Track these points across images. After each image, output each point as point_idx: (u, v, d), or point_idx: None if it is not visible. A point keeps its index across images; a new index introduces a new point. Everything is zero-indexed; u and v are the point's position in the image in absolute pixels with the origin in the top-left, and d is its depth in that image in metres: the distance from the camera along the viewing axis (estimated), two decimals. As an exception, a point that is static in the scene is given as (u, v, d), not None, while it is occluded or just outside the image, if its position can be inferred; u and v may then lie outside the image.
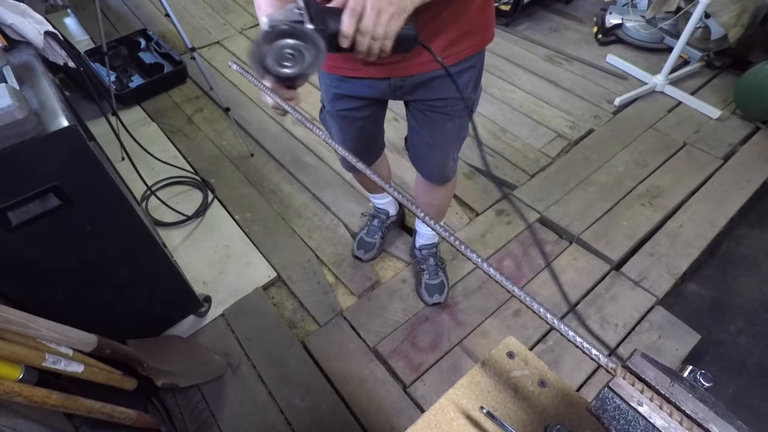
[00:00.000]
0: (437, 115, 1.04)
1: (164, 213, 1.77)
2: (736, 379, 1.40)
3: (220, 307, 1.51)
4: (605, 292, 1.55)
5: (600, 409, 0.41)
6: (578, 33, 2.72)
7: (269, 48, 0.58)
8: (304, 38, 0.58)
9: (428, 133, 1.10)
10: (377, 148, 1.31)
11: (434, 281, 1.52)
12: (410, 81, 0.97)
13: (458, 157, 1.24)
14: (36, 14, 1.05)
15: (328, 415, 1.29)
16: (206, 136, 2.15)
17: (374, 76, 0.96)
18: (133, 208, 1.08)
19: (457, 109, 1.04)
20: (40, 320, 0.87)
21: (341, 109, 1.09)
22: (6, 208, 0.86)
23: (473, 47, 0.95)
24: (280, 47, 0.59)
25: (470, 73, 1.00)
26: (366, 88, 1.01)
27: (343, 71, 0.98)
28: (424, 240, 1.56)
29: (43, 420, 0.91)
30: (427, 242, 1.56)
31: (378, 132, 1.25)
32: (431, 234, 1.54)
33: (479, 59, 1.00)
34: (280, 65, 0.59)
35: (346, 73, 0.99)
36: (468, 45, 0.93)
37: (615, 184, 1.87)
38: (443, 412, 0.56)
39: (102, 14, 2.01)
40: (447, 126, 1.07)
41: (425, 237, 1.56)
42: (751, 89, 2.02)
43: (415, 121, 1.11)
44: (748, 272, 1.66)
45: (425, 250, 1.55)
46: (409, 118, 1.13)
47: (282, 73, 0.59)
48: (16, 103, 0.78)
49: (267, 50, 0.58)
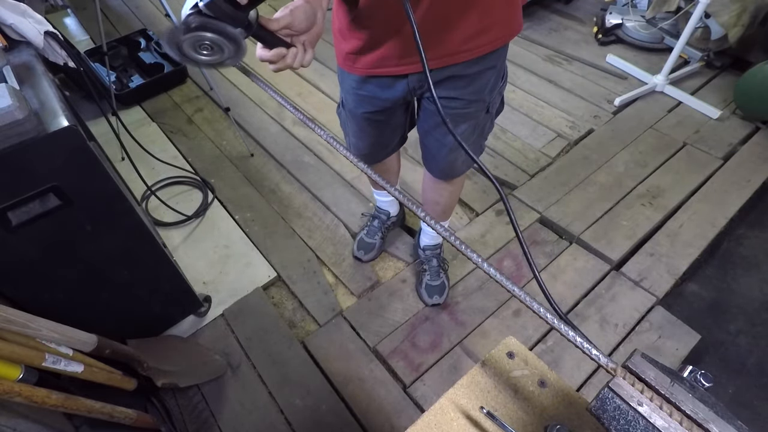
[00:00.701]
0: (451, 116, 1.00)
1: (164, 213, 1.77)
2: (736, 379, 1.40)
3: (220, 307, 1.51)
4: (605, 292, 1.55)
5: (600, 409, 0.41)
6: (578, 33, 2.72)
7: (187, 37, 0.57)
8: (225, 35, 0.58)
9: (440, 133, 1.07)
10: (393, 146, 1.28)
11: (435, 282, 1.51)
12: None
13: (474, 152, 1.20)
14: (36, 14, 1.05)
15: (328, 415, 1.29)
16: (206, 136, 2.15)
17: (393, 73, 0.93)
18: (133, 208, 1.08)
19: (473, 110, 1.00)
20: (40, 320, 0.87)
21: (364, 112, 1.07)
22: (6, 208, 0.86)
23: (496, 41, 0.89)
24: (199, 38, 0.58)
25: (489, 75, 0.94)
26: (386, 89, 0.98)
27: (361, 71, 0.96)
28: (429, 240, 1.55)
29: (43, 420, 0.91)
30: (432, 242, 1.55)
31: (396, 133, 1.22)
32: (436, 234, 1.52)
33: (501, 57, 0.95)
34: (198, 52, 0.59)
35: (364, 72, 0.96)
36: (490, 39, 0.87)
37: (615, 184, 1.87)
38: (443, 412, 0.56)
39: (102, 14, 2.01)
40: (461, 127, 1.03)
41: (430, 237, 1.54)
42: (751, 89, 2.02)
43: (427, 121, 1.08)
44: (748, 272, 1.66)
45: (429, 251, 1.54)
46: (420, 115, 1.10)
47: (199, 60, 0.59)
48: (16, 103, 0.78)
49: (184, 38, 0.57)
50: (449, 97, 0.97)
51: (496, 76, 0.98)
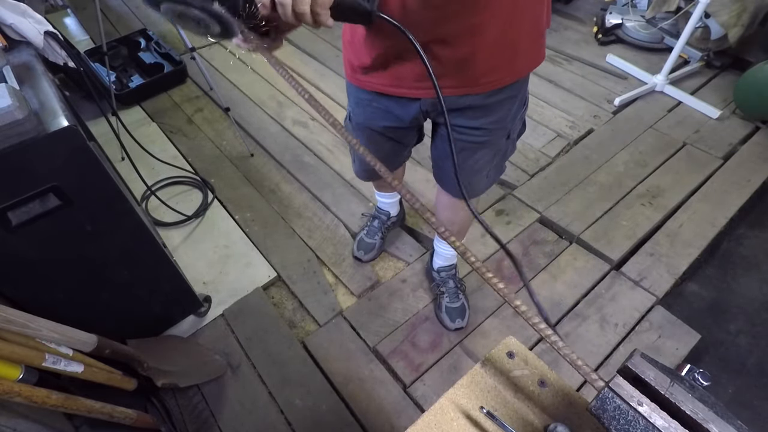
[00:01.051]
0: (467, 144, 0.97)
1: (164, 213, 1.77)
2: (736, 379, 1.40)
3: (220, 307, 1.51)
4: (605, 292, 1.55)
5: (600, 409, 0.41)
6: (578, 33, 2.72)
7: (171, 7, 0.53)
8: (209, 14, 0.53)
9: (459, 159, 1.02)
10: (400, 162, 1.26)
11: (455, 304, 1.45)
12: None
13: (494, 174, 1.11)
14: (36, 14, 1.05)
15: (328, 415, 1.29)
16: (206, 136, 2.15)
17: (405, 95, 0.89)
18: (133, 208, 1.08)
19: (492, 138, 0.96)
20: (40, 320, 0.86)
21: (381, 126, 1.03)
22: (6, 208, 0.86)
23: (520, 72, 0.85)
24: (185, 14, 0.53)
25: (510, 104, 0.91)
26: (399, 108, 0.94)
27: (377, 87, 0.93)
28: (443, 261, 1.47)
29: (43, 420, 0.91)
30: (446, 263, 1.48)
31: (406, 151, 1.19)
32: (450, 254, 1.45)
33: (523, 86, 0.91)
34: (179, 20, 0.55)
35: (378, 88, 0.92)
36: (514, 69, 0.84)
37: (615, 184, 1.87)
38: (443, 412, 0.56)
39: (102, 14, 2.01)
40: (479, 153, 0.99)
41: (444, 258, 1.46)
42: (751, 89, 2.02)
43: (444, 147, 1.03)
44: (748, 272, 1.66)
45: (444, 272, 1.48)
46: (436, 140, 1.05)
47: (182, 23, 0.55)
48: (16, 103, 0.78)
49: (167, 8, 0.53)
50: (469, 127, 0.93)
51: (518, 105, 0.95)
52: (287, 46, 2.67)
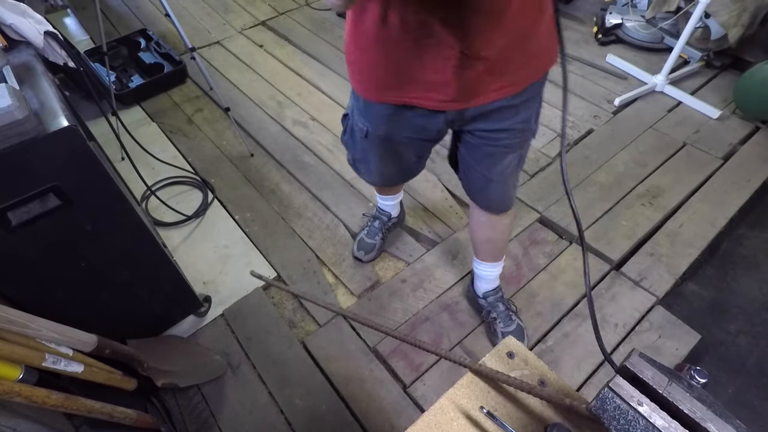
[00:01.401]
0: (496, 149, 0.96)
1: (164, 213, 1.77)
2: (736, 378, 1.40)
3: (220, 307, 1.51)
4: (605, 292, 1.55)
5: (600, 409, 0.41)
6: (578, 33, 2.72)
7: None
8: None
9: (486, 167, 1.01)
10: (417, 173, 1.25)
11: (510, 328, 1.37)
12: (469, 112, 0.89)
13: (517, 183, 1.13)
14: (36, 14, 1.05)
15: (328, 415, 1.29)
16: (206, 136, 2.15)
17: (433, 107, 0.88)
18: (133, 208, 1.08)
19: (521, 140, 0.97)
20: (40, 320, 0.87)
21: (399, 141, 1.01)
22: (6, 208, 0.86)
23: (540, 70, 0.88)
24: None
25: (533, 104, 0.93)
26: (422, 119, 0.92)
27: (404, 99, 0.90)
28: (488, 285, 1.41)
29: (43, 420, 0.91)
30: (491, 287, 1.41)
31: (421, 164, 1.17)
32: (494, 275, 1.39)
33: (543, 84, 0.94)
34: None
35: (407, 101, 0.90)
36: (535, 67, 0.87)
37: (615, 184, 1.87)
38: (443, 412, 0.56)
39: (102, 14, 2.01)
40: (507, 158, 0.99)
41: (487, 281, 1.40)
42: (751, 89, 2.02)
43: (470, 155, 1.02)
44: (748, 272, 1.66)
45: (491, 297, 1.40)
46: (462, 151, 1.04)
47: None
48: (16, 103, 0.78)
49: None
50: (497, 129, 0.93)
51: (539, 103, 0.97)
52: (287, 46, 2.67)
